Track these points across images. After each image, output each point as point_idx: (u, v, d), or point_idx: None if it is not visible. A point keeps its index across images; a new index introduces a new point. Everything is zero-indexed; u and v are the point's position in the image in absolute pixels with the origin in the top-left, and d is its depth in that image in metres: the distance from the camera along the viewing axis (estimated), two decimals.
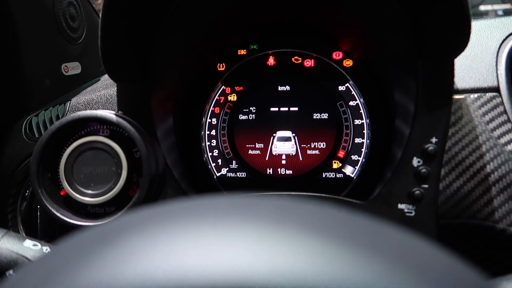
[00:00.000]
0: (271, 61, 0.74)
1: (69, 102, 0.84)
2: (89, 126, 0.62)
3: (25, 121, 0.85)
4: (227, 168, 0.75)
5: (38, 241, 0.49)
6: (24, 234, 0.77)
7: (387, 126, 0.68)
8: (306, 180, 0.72)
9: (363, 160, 0.70)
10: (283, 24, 0.72)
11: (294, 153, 0.73)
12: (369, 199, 0.57)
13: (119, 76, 0.62)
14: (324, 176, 0.71)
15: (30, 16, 0.87)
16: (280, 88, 0.74)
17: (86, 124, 0.62)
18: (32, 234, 0.77)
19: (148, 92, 0.64)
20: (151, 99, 0.64)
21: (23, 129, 0.84)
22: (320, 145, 0.71)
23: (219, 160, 0.75)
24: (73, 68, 1.01)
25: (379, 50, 0.66)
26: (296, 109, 0.73)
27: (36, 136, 0.83)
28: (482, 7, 2.69)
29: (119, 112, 0.64)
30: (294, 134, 0.73)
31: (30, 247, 0.47)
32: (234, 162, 0.75)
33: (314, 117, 0.72)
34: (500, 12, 2.83)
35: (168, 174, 0.64)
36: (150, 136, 0.63)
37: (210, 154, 0.75)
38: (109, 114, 0.60)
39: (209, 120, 0.76)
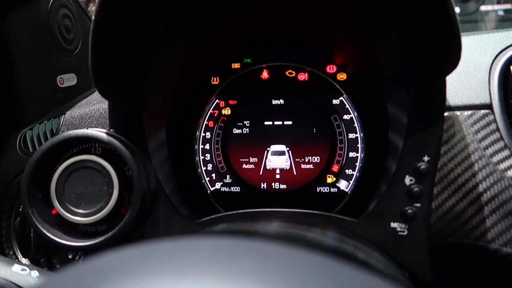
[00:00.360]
0: (265, 74, 0.74)
1: (63, 116, 0.84)
2: (81, 144, 0.62)
3: (19, 135, 0.85)
4: (221, 183, 0.74)
5: (27, 266, 0.49)
6: (18, 250, 0.77)
7: (381, 140, 0.67)
8: (300, 194, 0.71)
9: (357, 174, 0.69)
10: (277, 37, 0.72)
11: (288, 168, 0.72)
12: (362, 217, 0.56)
13: (110, 94, 0.61)
14: (318, 190, 0.71)
15: (25, 29, 0.87)
16: (274, 102, 0.73)
17: (77, 143, 0.61)
18: (26, 249, 0.77)
19: (140, 109, 0.63)
20: (142, 116, 0.64)
21: (17, 143, 0.84)
22: (314, 159, 0.71)
23: (213, 175, 0.75)
24: (68, 80, 1.01)
25: (372, 64, 0.66)
26: (290, 123, 0.72)
27: (30, 151, 0.83)
28: (483, 8, 2.68)
29: (111, 130, 0.64)
30: (288, 148, 0.72)
31: (19, 272, 0.47)
32: (228, 176, 0.74)
33: (308, 131, 0.71)
34: (500, 13, 2.81)
35: (160, 191, 0.64)
36: (141, 153, 0.63)
37: (204, 168, 0.75)
38: (100, 133, 0.60)
39: (203, 134, 0.75)
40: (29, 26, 0.87)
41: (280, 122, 0.73)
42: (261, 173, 0.73)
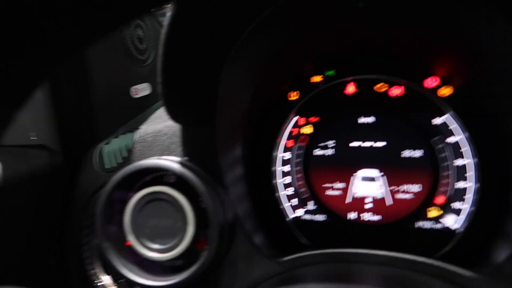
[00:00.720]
0: (350, 89, 0.64)
1: (137, 131, 0.82)
2: (154, 172, 0.58)
3: (96, 150, 0.84)
4: (303, 209, 0.67)
5: None
6: (101, 269, 0.77)
7: (502, 166, 0.55)
8: (395, 229, 0.62)
9: (472, 208, 0.57)
10: (364, 46, 0.61)
11: (381, 196, 0.63)
12: (487, 272, 0.45)
13: (182, 120, 0.57)
14: (417, 226, 0.60)
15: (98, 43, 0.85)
16: (360, 120, 0.64)
17: (150, 172, 0.58)
18: (108, 266, 0.76)
19: (213, 134, 0.58)
20: (216, 141, 0.59)
21: (94, 159, 0.83)
22: (413, 188, 0.61)
23: (293, 200, 0.67)
24: (142, 90, 0.99)
25: (486, 70, 0.53)
26: (382, 144, 0.62)
27: (106, 167, 0.82)
28: None
29: (184, 158, 0.59)
30: (382, 173, 0.63)
31: None
32: (311, 203, 0.66)
33: (403, 155, 0.61)
34: None
35: (235, 218, 0.58)
36: (216, 182, 0.57)
37: (283, 192, 0.68)
38: (172, 163, 0.55)
39: (281, 155, 0.68)
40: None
41: (370, 144, 0.63)
42: (348, 201, 0.64)
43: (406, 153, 0.61)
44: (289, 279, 0.49)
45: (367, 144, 0.63)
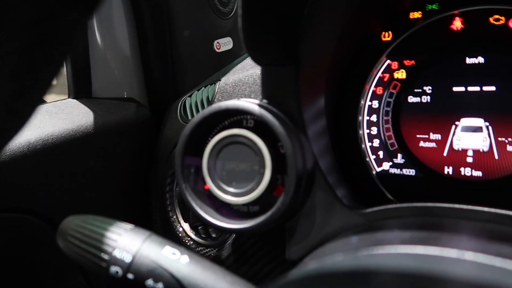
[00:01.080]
0: (457, 24, 0.55)
1: (218, 82, 0.81)
2: (233, 116, 0.56)
3: (180, 102, 0.86)
4: (390, 163, 0.61)
5: (178, 249, 0.46)
6: (180, 215, 0.79)
7: None
8: (501, 186, 0.53)
9: None
10: None
11: (486, 149, 0.54)
12: None
13: (263, 59, 0.53)
14: None
15: None
16: (469, 61, 0.55)
17: (228, 115, 0.56)
18: (186, 215, 0.78)
19: (296, 75, 0.54)
20: (299, 83, 0.55)
21: (178, 111, 0.85)
22: None
23: (380, 152, 0.61)
24: (225, 44, 0.98)
25: None
26: (492, 89, 0.53)
27: (189, 118, 0.83)
28: None
29: (263, 100, 0.56)
30: (487, 123, 0.54)
31: (168, 257, 0.44)
32: (399, 155, 0.60)
33: None
34: None
35: (316, 170, 0.55)
36: (296, 127, 0.54)
37: (369, 144, 0.62)
38: (251, 105, 0.52)
39: (369, 103, 0.62)
40: None
41: (477, 88, 0.54)
42: (445, 154, 0.57)
43: None
44: (372, 228, 0.44)
45: (474, 88, 0.54)
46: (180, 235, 0.78)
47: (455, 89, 0.56)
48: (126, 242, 0.42)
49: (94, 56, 0.89)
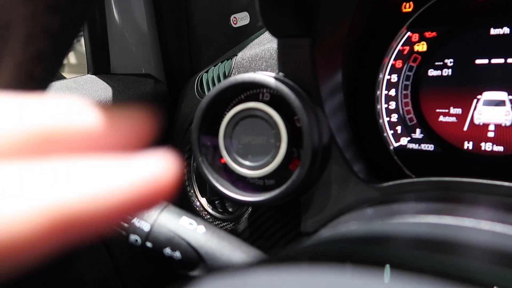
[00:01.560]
0: None
1: (235, 57, 0.80)
2: (248, 89, 0.56)
3: (197, 78, 0.86)
4: (409, 138, 0.60)
5: (194, 219, 0.47)
6: (197, 189, 0.80)
7: None
8: None
9: None
10: None
11: (509, 123, 0.52)
12: None
13: (279, 31, 0.53)
14: None
15: None
16: (493, 31, 0.53)
17: (244, 88, 0.56)
18: (203, 190, 0.79)
19: (313, 47, 0.53)
20: (316, 56, 0.54)
21: (195, 86, 0.85)
22: None
23: (398, 127, 0.61)
24: (241, 19, 0.97)
25: None
26: None
27: (206, 93, 0.83)
28: None
29: (280, 73, 0.56)
30: (511, 97, 0.52)
31: (185, 226, 0.45)
32: (418, 130, 0.59)
33: None
34: None
35: (333, 145, 0.54)
36: (313, 101, 0.53)
37: (387, 119, 0.61)
38: (267, 78, 0.52)
39: (388, 77, 0.61)
40: None
41: (501, 60, 0.52)
42: (465, 129, 0.55)
43: None
44: (387, 200, 0.44)
45: (498, 61, 0.52)
46: (197, 209, 0.79)
47: (477, 61, 0.54)
48: (144, 212, 0.43)
49: (112, 33, 0.89)
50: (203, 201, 0.79)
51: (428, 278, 0.16)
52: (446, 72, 0.56)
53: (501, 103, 0.53)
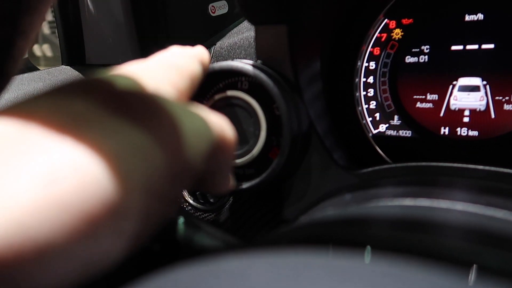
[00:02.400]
0: None
1: (213, 47, 0.79)
2: (227, 78, 0.56)
3: None
4: (387, 125, 0.60)
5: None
6: None
7: None
8: (497, 145, 0.53)
9: None
10: None
11: (483, 108, 0.53)
12: None
13: (256, 17, 0.52)
14: None
15: None
16: (468, 18, 0.53)
17: (222, 76, 0.55)
18: None
19: (290, 34, 0.53)
20: (293, 43, 0.54)
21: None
22: None
23: (377, 114, 0.61)
24: (220, 8, 0.95)
25: None
26: (490, 46, 0.52)
27: None
28: None
29: (258, 61, 0.55)
30: (485, 82, 0.53)
31: None
32: (396, 117, 0.60)
33: None
34: None
35: (312, 133, 0.55)
36: (291, 88, 0.53)
37: (366, 106, 0.62)
38: (245, 65, 0.51)
39: (366, 64, 0.61)
40: None
41: (475, 46, 0.53)
42: (442, 115, 0.56)
43: None
44: (365, 186, 0.44)
45: (472, 47, 0.53)
46: None
47: (453, 47, 0.55)
48: None
49: (87, 22, 0.87)
50: (184, 192, 0.78)
51: (408, 258, 0.16)
52: (423, 58, 0.57)
53: (475, 88, 0.54)
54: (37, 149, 0.15)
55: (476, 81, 0.53)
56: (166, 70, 0.29)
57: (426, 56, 0.56)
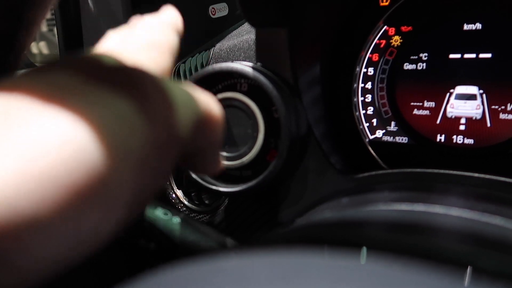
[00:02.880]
0: None
1: (213, 48, 0.80)
2: (226, 79, 0.56)
3: (174, 69, 0.85)
4: (384, 131, 0.61)
5: (169, 211, 0.47)
6: (173, 182, 0.79)
7: None
8: (492, 154, 0.53)
9: None
10: None
11: (479, 117, 0.54)
12: None
13: (257, 19, 0.52)
14: None
15: None
16: (466, 27, 0.54)
17: (221, 78, 0.55)
18: (180, 182, 0.78)
19: (291, 38, 0.53)
20: (294, 47, 0.54)
21: (172, 77, 0.84)
22: None
23: (374, 120, 0.61)
24: (220, 10, 0.96)
25: None
26: (487, 56, 0.53)
27: None
28: None
29: (257, 63, 0.55)
30: (481, 91, 0.54)
31: (160, 217, 0.45)
32: (392, 123, 0.60)
33: None
34: None
35: (310, 136, 0.55)
36: (291, 93, 0.54)
37: (363, 111, 0.62)
38: (245, 67, 0.52)
39: (364, 70, 0.61)
40: None
41: (473, 55, 0.54)
42: (438, 122, 0.57)
43: None
44: (362, 190, 0.44)
45: (470, 56, 0.54)
46: (173, 201, 0.79)
47: (451, 56, 0.55)
48: None
49: (86, 22, 0.87)
50: (179, 193, 0.78)
51: (404, 259, 0.16)
52: (421, 66, 0.57)
53: (472, 97, 0.54)
54: (22, 121, 0.15)
55: (473, 89, 0.54)
56: (148, 51, 0.29)
57: (424, 64, 0.57)
